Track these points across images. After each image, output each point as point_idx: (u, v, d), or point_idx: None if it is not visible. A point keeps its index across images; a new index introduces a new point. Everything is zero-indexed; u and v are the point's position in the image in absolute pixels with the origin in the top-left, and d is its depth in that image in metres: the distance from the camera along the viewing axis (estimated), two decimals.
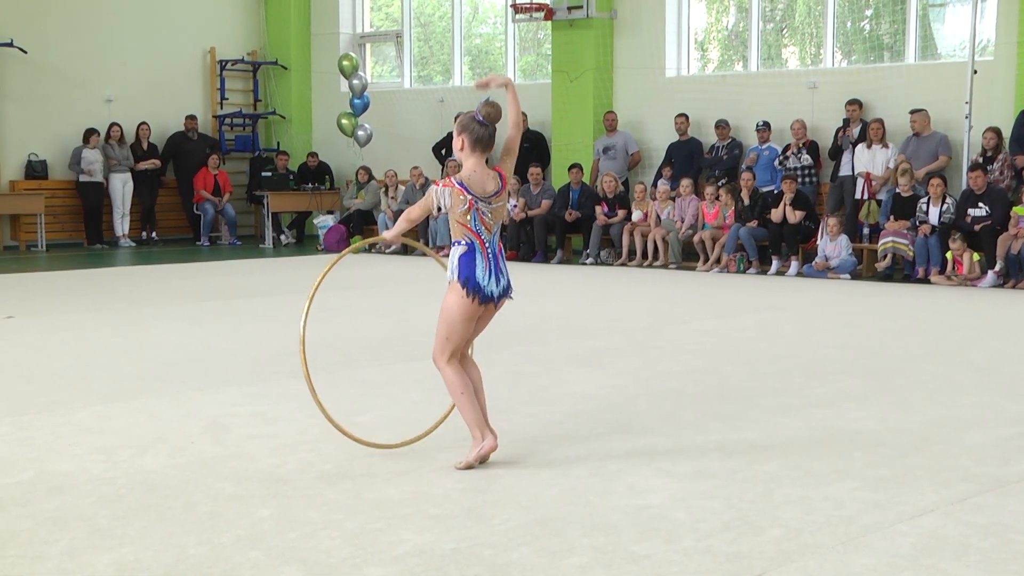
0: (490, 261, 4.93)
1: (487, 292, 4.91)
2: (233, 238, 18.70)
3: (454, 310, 4.92)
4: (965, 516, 4.32)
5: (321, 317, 9.89)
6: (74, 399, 6.45)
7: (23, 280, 13.16)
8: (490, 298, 4.93)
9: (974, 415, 6.05)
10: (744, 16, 16.27)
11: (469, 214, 4.89)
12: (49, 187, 17.60)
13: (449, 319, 4.93)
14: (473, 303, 4.90)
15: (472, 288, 4.88)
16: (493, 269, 4.93)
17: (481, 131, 4.95)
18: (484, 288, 4.90)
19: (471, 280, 4.88)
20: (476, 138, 4.95)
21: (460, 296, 4.90)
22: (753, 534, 4.11)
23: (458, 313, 4.91)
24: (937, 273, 12.45)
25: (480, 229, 4.92)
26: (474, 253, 4.91)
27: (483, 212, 4.92)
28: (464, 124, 4.98)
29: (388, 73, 20.28)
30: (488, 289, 4.91)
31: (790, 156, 14.52)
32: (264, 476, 4.87)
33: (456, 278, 4.91)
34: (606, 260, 15.07)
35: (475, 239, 4.91)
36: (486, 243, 4.93)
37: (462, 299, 4.90)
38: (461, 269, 4.90)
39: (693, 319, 9.90)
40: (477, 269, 4.89)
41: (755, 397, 6.48)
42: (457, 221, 4.92)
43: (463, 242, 4.92)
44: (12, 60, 17.32)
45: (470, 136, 4.95)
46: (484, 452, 4.95)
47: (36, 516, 4.33)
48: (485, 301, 4.93)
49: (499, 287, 4.95)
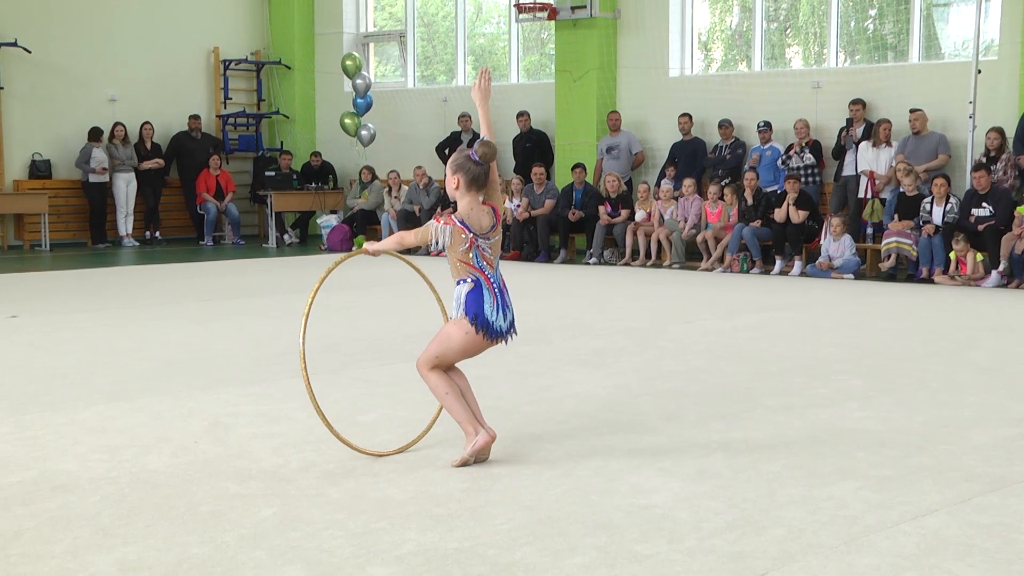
0: (497, 296, 4.95)
1: (496, 328, 4.94)
2: (237, 238, 18.72)
3: (455, 341, 4.93)
4: (968, 516, 4.31)
5: (323, 317, 9.89)
6: (77, 398, 6.46)
7: (27, 279, 13.17)
8: (499, 334, 4.96)
9: (977, 415, 6.04)
10: (748, 16, 16.26)
11: (471, 252, 4.90)
12: (53, 187, 17.63)
13: (447, 346, 4.95)
14: (481, 339, 4.92)
15: (481, 325, 4.90)
16: (500, 304, 4.96)
17: (478, 170, 4.94)
18: (493, 324, 4.92)
19: (480, 317, 4.90)
20: (473, 177, 4.94)
21: (465, 331, 4.91)
22: (756, 534, 4.11)
23: (458, 345, 4.94)
24: (941, 273, 12.44)
25: (483, 265, 4.93)
26: (481, 290, 4.93)
27: (483, 248, 4.93)
28: (460, 164, 4.95)
29: (391, 73, 20.28)
30: (497, 325, 4.94)
31: (793, 156, 14.51)
32: (267, 475, 4.87)
33: (464, 315, 4.92)
34: (609, 260, 15.07)
35: (480, 276, 4.93)
36: (491, 279, 4.95)
37: (467, 334, 4.91)
38: (469, 305, 4.91)
39: (696, 319, 9.90)
40: (485, 306, 4.91)
41: (758, 397, 6.48)
42: (459, 260, 4.93)
43: (468, 280, 4.94)
44: (16, 60, 17.34)
45: (466, 176, 4.94)
46: (479, 447, 4.96)
47: (39, 515, 4.33)
48: (493, 336, 4.95)
49: (506, 321, 4.99)
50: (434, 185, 17.09)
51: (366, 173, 18.02)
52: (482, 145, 4.95)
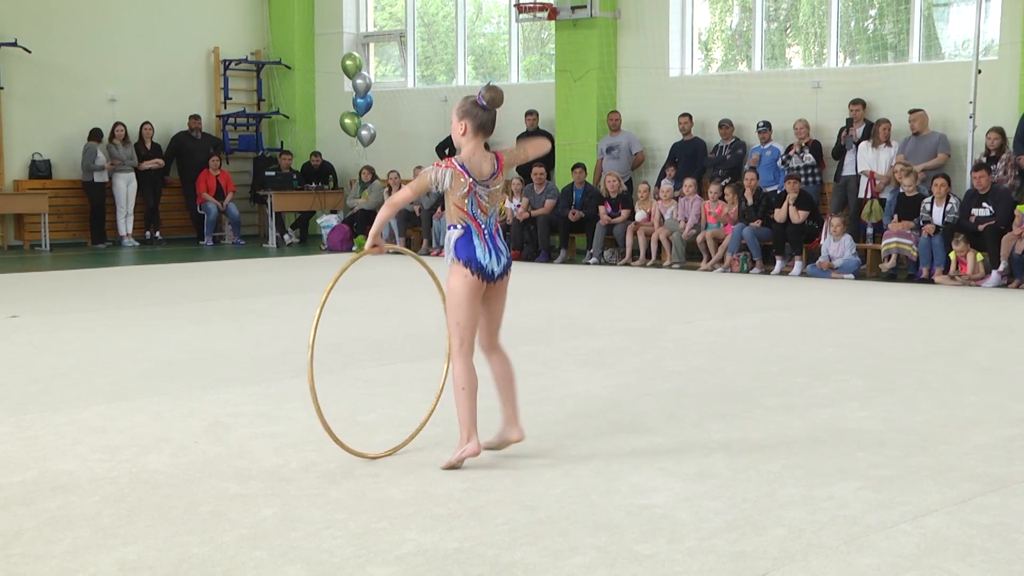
0: (487, 241, 4.95)
1: (488, 270, 4.94)
2: (237, 238, 18.72)
3: (459, 290, 4.94)
4: (969, 516, 4.31)
5: (324, 318, 9.88)
6: (78, 398, 6.46)
7: (27, 280, 13.17)
8: (491, 276, 4.96)
9: (978, 415, 6.04)
10: (748, 16, 16.26)
11: (467, 198, 4.92)
12: (53, 187, 17.63)
13: (456, 301, 4.94)
14: (476, 279, 4.92)
15: (475, 267, 4.92)
16: (492, 248, 4.96)
17: (484, 116, 4.95)
18: (486, 267, 4.93)
19: (472, 260, 4.92)
20: (480, 123, 4.95)
21: (463, 275, 4.93)
22: (756, 534, 4.11)
23: (464, 292, 4.93)
24: (941, 273, 12.44)
25: (476, 212, 4.95)
26: (471, 235, 4.94)
27: (480, 196, 4.94)
28: (466, 110, 4.96)
29: (392, 73, 20.28)
30: (489, 268, 4.95)
31: (793, 156, 14.51)
32: (267, 475, 4.87)
33: (456, 259, 4.94)
34: (609, 260, 15.07)
35: (471, 222, 4.94)
36: (482, 225, 4.96)
37: (465, 277, 4.92)
38: (459, 250, 4.93)
39: (696, 319, 9.90)
40: (476, 250, 4.92)
41: (758, 397, 6.48)
42: (455, 204, 4.94)
43: (459, 226, 4.95)
44: (16, 60, 17.33)
45: (473, 121, 4.95)
46: (466, 455, 4.93)
47: (40, 515, 4.33)
48: (488, 279, 4.95)
49: (500, 265, 4.99)
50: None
51: (366, 173, 18.02)
52: (488, 90, 4.96)
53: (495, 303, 5.08)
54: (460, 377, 4.94)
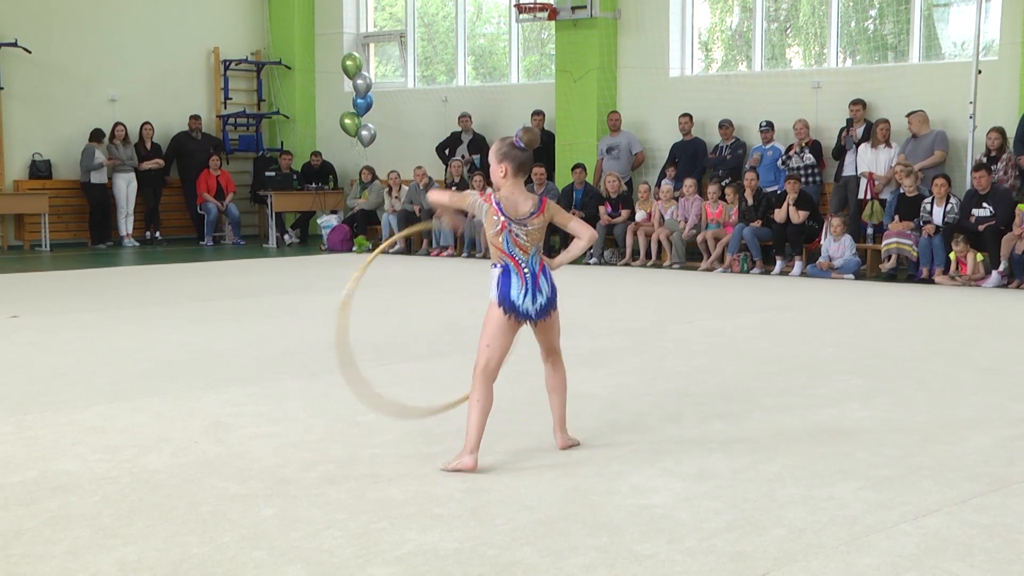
0: (527, 281, 5.02)
1: (523, 311, 5.02)
2: (237, 238, 18.72)
3: (490, 321, 5.05)
4: (969, 516, 4.31)
5: (323, 318, 9.89)
6: (78, 398, 6.46)
7: (27, 280, 13.17)
8: (527, 316, 5.04)
9: (978, 415, 6.04)
10: (748, 16, 16.26)
11: (501, 236, 4.99)
12: (53, 187, 17.63)
13: (487, 329, 5.05)
14: (509, 319, 5.01)
15: (508, 307, 5.00)
16: (531, 288, 5.03)
17: (523, 156, 5.01)
18: (520, 307, 5.01)
19: (506, 299, 5.00)
20: (519, 164, 5.00)
21: (496, 312, 5.03)
22: (756, 534, 4.11)
23: (494, 326, 5.03)
24: (941, 273, 12.44)
25: (514, 251, 5.01)
26: (509, 274, 5.01)
27: (516, 234, 5.00)
28: (505, 152, 5.00)
29: (392, 73, 20.28)
30: (524, 308, 5.02)
31: (793, 156, 14.51)
32: (267, 476, 4.87)
33: (493, 296, 5.04)
34: (610, 260, 15.07)
35: (510, 261, 5.01)
36: (521, 264, 5.01)
37: (498, 315, 5.03)
38: (498, 288, 5.02)
39: (696, 319, 9.90)
40: (512, 289, 5.00)
41: (758, 397, 6.48)
42: (492, 244, 5.03)
43: (499, 265, 5.04)
44: (16, 60, 17.34)
45: (513, 163, 4.99)
46: (460, 467, 4.93)
47: (40, 515, 4.33)
48: (522, 318, 5.04)
49: (535, 305, 5.04)
50: (434, 185, 17.08)
51: (366, 173, 18.02)
52: (526, 132, 5.04)
53: (544, 334, 5.21)
54: (475, 392, 5.03)
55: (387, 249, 5.15)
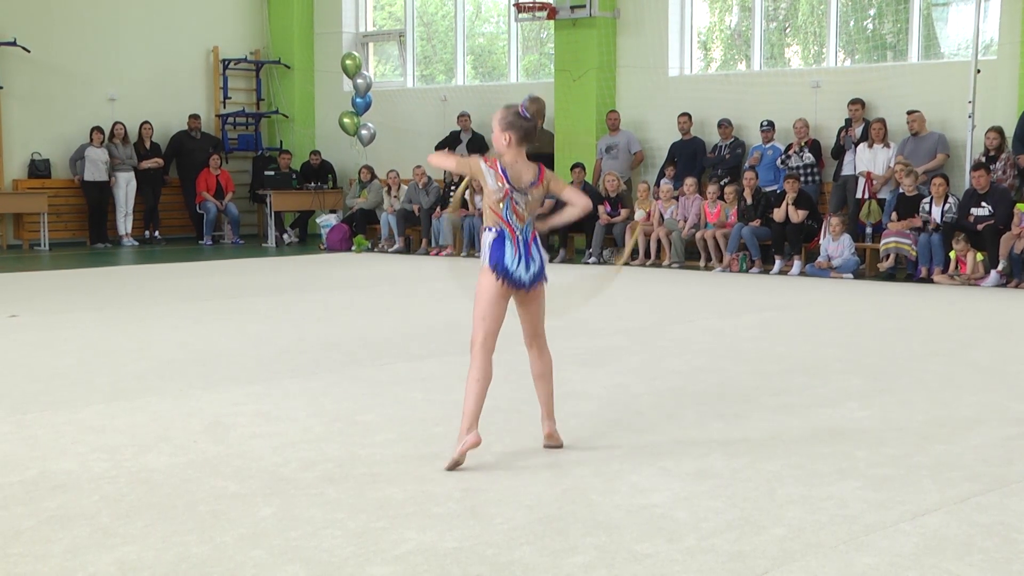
0: (520, 248, 5.00)
1: (515, 277, 4.99)
2: (236, 237, 18.72)
3: (483, 291, 5.01)
4: (968, 515, 4.32)
5: (323, 316, 9.90)
6: (77, 398, 6.46)
7: (26, 279, 13.17)
8: (520, 283, 5.01)
9: (977, 414, 6.04)
10: (747, 15, 16.26)
11: (503, 202, 4.98)
12: (52, 186, 17.64)
13: (480, 300, 5.02)
14: (502, 285, 4.98)
15: (501, 271, 4.97)
16: (524, 255, 5.01)
17: (528, 126, 4.98)
18: (512, 273, 4.98)
19: (500, 264, 4.97)
20: (524, 133, 4.98)
21: (490, 279, 4.99)
22: (756, 533, 4.11)
23: (487, 294, 5.00)
24: (940, 273, 12.44)
25: (511, 218, 5.00)
26: (504, 240, 4.99)
27: (517, 202, 5.00)
28: (510, 121, 4.96)
29: (391, 72, 20.28)
30: (517, 274, 4.99)
31: (792, 155, 14.51)
32: (266, 475, 4.87)
33: (486, 262, 5.01)
34: (608, 259, 15.07)
35: (505, 227, 5.00)
36: (516, 231, 5.00)
37: (492, 282, 4.99)
38: (491, 254, 4.99)
39: (696, 318, 9.90)
40: (506, 255, 4.98)
41: (758, 396, 6.48)
42: (490, 207, 5.00)
43: (493, 229, 5.01)
44: (15, 59, 17.33)
45: (517, 133, 4.97)
46: (467, 447, 4.91)
47: (39, 515, 4.33)
48: (514, 285, 5.01)
49: (528, 273, 5.01)
50: (433, 184, 17.08)
51: (365, 172, 18.02)
52: (533, 102, 5.01)
53: (530, 307, 5.14)
54: (474, 370, 4.99)
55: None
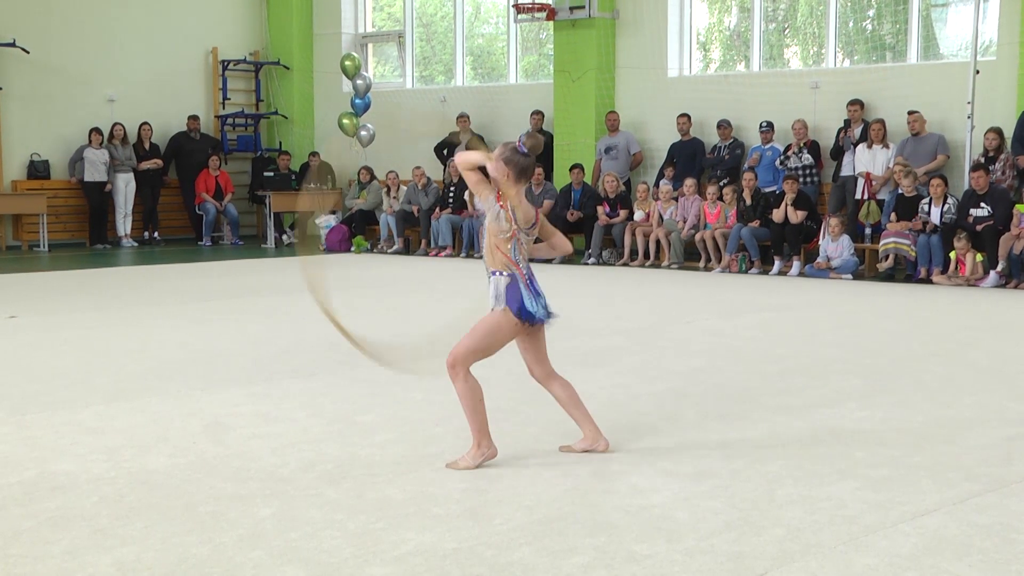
0: (530, 287, 5.02)
1: (538, 317, 5.02)
2: (235, 238, 18.71)
3: (502, 330, 5.01)
4: (967, 516, 4.32)
5: (323, 318, 9.88)
6: (76, 399, 6.46)
7: (26, 280, 13.17)
8: (541, 320, 5.04)
9: (976, 415, 6.04)
10: (746, 16, 16.26)
11: (510, 243, 4.97)
12: (51, 187, 17.63)
13: (492, 336, 5.01)
14: (523, 325, 5.02)
15: (526, 318, 4.98)
16: (534, 293, 5.03)
17: (526, 162, 4.98)
18: (535, 314, 5.00)
19: (524, 311, 4.97)
20: (521, 169, 4.96)
21: (512, 322, 4.99)
22: (755, 534, 4.11)
23: (500, 336, 5.02)
24: (939, 273, 12.44)
25: (519, 258, 5.00)
26: (517, 284, 4.98)
27: (522, 242, 5.02)
28: (507, 157, 4.95)
29: (390, 73, 20.28)
30: (539, 315, 5.01)
31: (791, 156, 14.51)
32: (266, 476, 4.87)
33: (507, 307, 4.98)
34: (608, 260, 15.07)
35: (516, 270, 4.99)
36: (524, 271, 5.02)
37: (512, 326, 5.00)
38: (509, 300, 4.98)
39: (695, 319, 9.90)
40: (524, 299, 4.98)
41: (757, 397, 6.48)
42: (498, 248, 4.99)
43: (505, 273, 4.99)
44: (14, 60, 17.33)
45: (516, 168, 4.96)
46: (486, 459, 4.98)
47: (38, 516, 4.33)
48: (536, 322, 5.04)
49: (541, 307, 5.03)
50: (432, 185, 17.08)
51: (364, 173, 18.02)
52: (529, 137, 5.04)
53: (537, 335, 5.16)
54: (473, 391, 4.98)
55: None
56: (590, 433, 5.24)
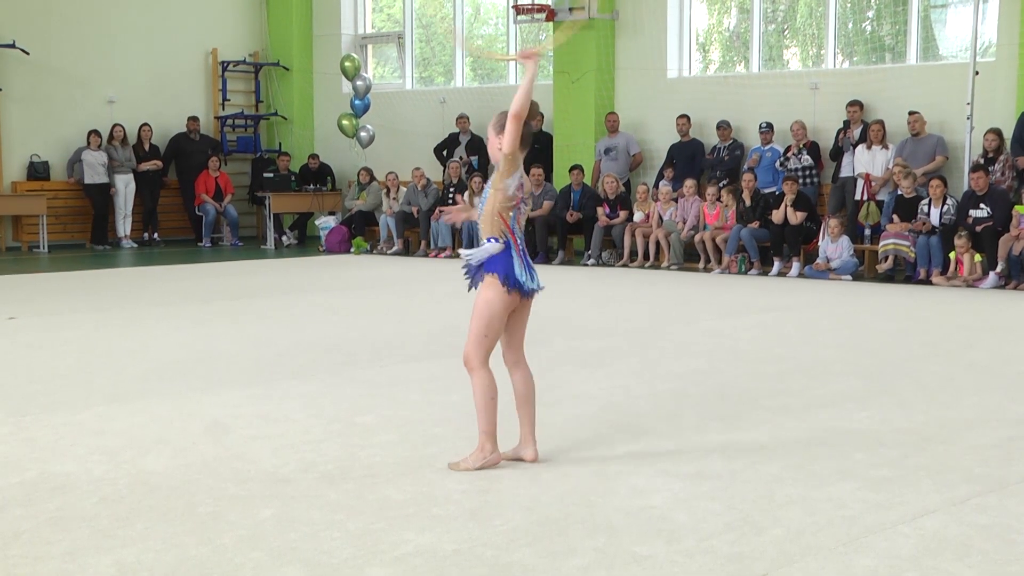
0: (523, 258, 4.99)
1: (527, 288, 4.96)
2: (235, 239, 18.72)
3: (494, 304, 4.91)
4: (967, 517, 4.32)
5: (323, 318, 9.90)
6: (76, 400, 6.46)
7: (25, 281, 13.17)
8: (528, 293, 4.98)
9: (976, 415, 6.05)
10: (745, 17, 16.27)
11: (512, 210, 4.95)
12: (51, 188, 17.64)
13: (488, 314, 4.92)
14: (512, 298, 4.94)
15: (512, 284, 4.91)
16: (527, 265, 5.00)
17: (524, 130, 4.89)
18: (524, 285, 4.94)
19: (511, 277, 4.91)
20: (521, 138, 4.88)
21: (500, 291, 4.92)
22: (755, 535, 4.11)
23: (499, 307, 4.92)
24: (938, 274, 12.45)
25: (515, 227, 4.99)
26: (510, 251, 4.94)
27: (521, 212, 5.03)
28: (503, 124, 4.89)
29: (390, 74, 20.28)
30: (527, 286, 4.96)
31: (791, 157, 14.52)
32: (266, 477, 4.87)
33: (494, 274, 4.92)
34: (608, 261, 15.07)
35: (511, 237, 4.96)
36: (519, 240, 4.99)
37: (502, 296, 4.92)
38: (497, 266, 4.92)
39: (695, 320, 9.90)
40: (515, 267, 4.93)
41: (757, 398, 6.48)
42: (499, 214, 4.93)
43: (499, 240, 4.95)
44: (14, 61, 17.33)
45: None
46: (487, 464, 4.95)
47: (38, 516, 4.33)
48: (524, 296, 4.98)
49: (533, 282, 4.99)
50: (432, 186, 17.08)
51: (364, 175, 18.02)
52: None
53: (520, 316, 5.07)
54: (483, 388, 4.94)
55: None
56: (522, 436, 5.10)
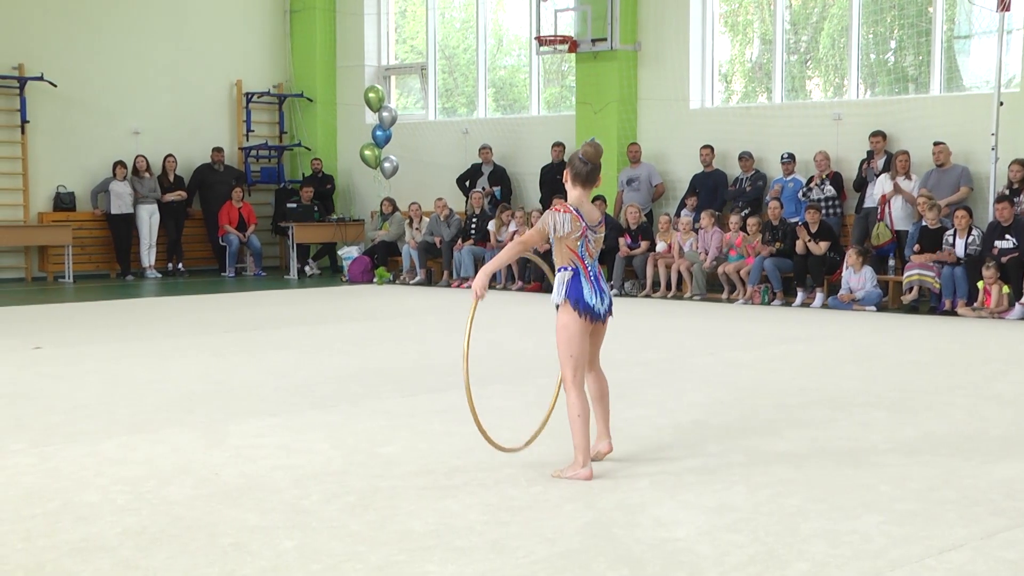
0: (594, 283, 5.40)
1: (596, 312, 5.40)
2: (258, 269, 18.79)
3: (571, 327, 5.36)
4: (995, 551, 4.27)
5: (345, 348, 9.91)
6: (99, 430, 6.48)
7: (51, 311, 13.25)
8: (598, 316, 5.42)
9: (1002, 448, 5.99)
10: (768, 48, 16.29)
11: (579, 240, 5.36)
12: (77, 219, 17.78)
13: (566, 336, 5.36)
14: (584, 321, 5.36)
15: (583, 309, 5.35)
16: (597, 290, 5.41)
17: (584, 168, 5.41)
18: (594, 308, 5.38)
19: (581, 301, 5.36)
20: (576, 173, 5.40)
21: (572, 315, 5.35)
22: (779, 568, 4.08)
23: (574, 329, 5.36)
24: (964, 305, 12.37)
25: (584, 255, 5.40)
26: (579, 277, 5.38)
27: (589, 240, 5.40)
28: (570, 160, 5.46)
29: (413, 105, 20.39)
30: (596, 308, 5.40)
31: (813, 188, 14.49)
32: (288, 507, 4.87)
33: (566, 299, 5.36)
34: (630, 291, 15.05)
35: (580, 264, 5.39)
36: (589, 268, 5.40)
37: (575, 319, 5.35)
38: (570, 292, 5.37)
39: (718, 351, 9.87)
40: (584, 291, 5.37)
41: (780, 429, 6.45)
42: (567, 246, 5.37)
43: (568, 268, 5.39)
44: (42, 93, 17.51)
45: (572, 170, 5.43)
46: (579, 477, 5.28)
47: (61, 547, 4.34)
48: (594, 318, 5.40)
49: (604, 305, 5.44)
50: (455, 217, 17.12)
51: (387, 205, 18.08)
52: (589, 145, 5.48)
53: (596, 337, 5.53)
54: (575, 406, 5.33)
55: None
56: (598, 432, 5.60)
